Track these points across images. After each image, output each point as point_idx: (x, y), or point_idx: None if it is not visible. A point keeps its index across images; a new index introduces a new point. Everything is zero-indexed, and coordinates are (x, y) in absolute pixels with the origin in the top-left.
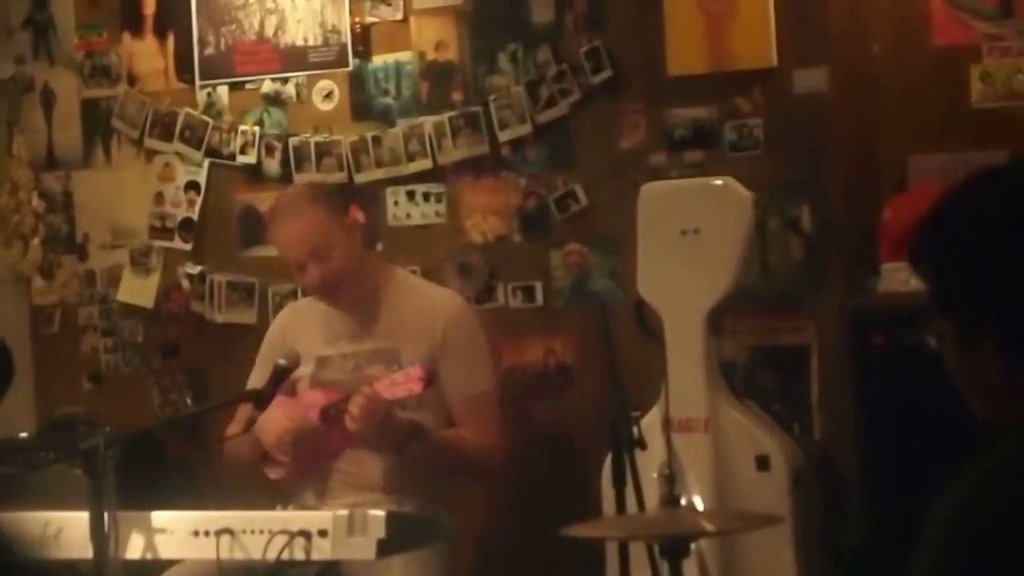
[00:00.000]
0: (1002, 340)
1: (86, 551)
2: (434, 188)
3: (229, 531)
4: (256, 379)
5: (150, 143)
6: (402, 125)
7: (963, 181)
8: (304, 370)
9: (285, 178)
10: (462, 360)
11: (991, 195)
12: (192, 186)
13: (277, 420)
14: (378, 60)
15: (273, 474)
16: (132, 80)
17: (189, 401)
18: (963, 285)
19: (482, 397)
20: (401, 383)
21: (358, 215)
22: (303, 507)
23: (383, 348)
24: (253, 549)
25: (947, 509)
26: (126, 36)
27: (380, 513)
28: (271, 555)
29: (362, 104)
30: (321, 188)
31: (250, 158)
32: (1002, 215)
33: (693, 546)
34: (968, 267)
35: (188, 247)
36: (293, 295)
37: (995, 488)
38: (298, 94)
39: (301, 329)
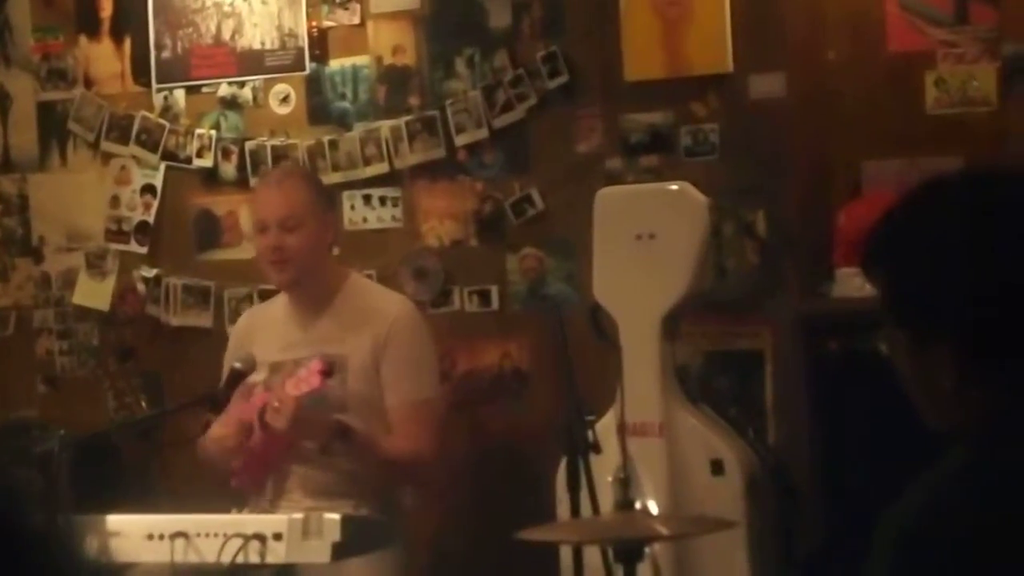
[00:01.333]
0: (954, 350)
1: None
2: (391, 192)
3: (184, 535)
4: None
5: (106, 146)
6: (359, 129)
7: (914, 189)
8: (259, 376)
9: (241, 182)
10: (403, 365)
11: (943, 204)
12: (148, 189)
13: (222, 439)
14: (335, 64)
15: (234, 481)
16: (88, 83)
17: (144, 404)
18: (915, 295)
19: (420, 405)
20: (303, 378)
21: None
22: (258, 511)
23: (332, 354)
24: (208, 553)
25: (897, 520)
26: (82, 39)
27: (335, 517)
28: (226, 559)
29: (319, 108)
30: (319, 179)
31: (206, 162)
32: (953, 225)
33: (647, 550)
34: (920, 277)
35: (144, 250)
36: (249, 299)
37: (945, 499)
38: (255, 98)
39: (257, 335)
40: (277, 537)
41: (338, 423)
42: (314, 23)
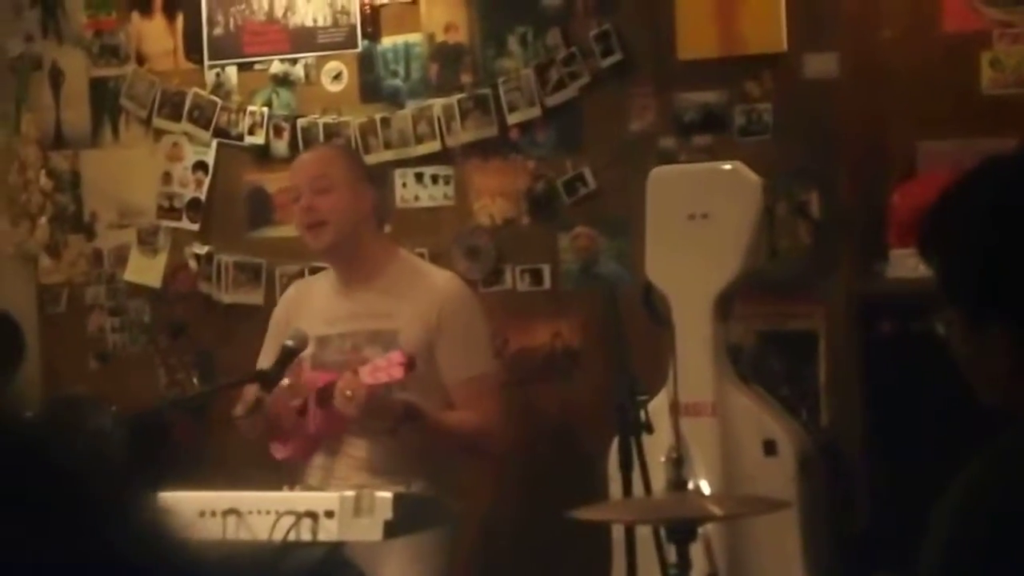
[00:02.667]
0: (1009, 330)
1: None
2: (443, 170)
3: (236, 512)
4: (265, 360)
5: (158, 123)
6: (411, 107)
7: (971, 169)
8: (306, 351)
9: (293, 159)
10: (459, 343)
11: (999, 184)
12: (200, 166)
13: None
14: (387, 41)
15: (278, 453)
16: (141, 59)
17: (196, 381)
18: (971, 274)
19: (480, 380)
20: (383, 368)
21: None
22: (310, 488)
23: (381, 329)
24: (259, 530)
25: (957, 494)
26: (135, 15)
27: (387, 495)
28: (277, 536)
29: (371, 85)
30: (355, 152)
31: (258, 139)
32: (1010, 205)
33: (700, 530)
34: (976, 257)
35: (196, 227)
36: (300, 276)
37: (1001, 476)
38: (307, 75)
39: (304, 309)
40: (329, 515)
41: (407, 405)
42: (366, 0)
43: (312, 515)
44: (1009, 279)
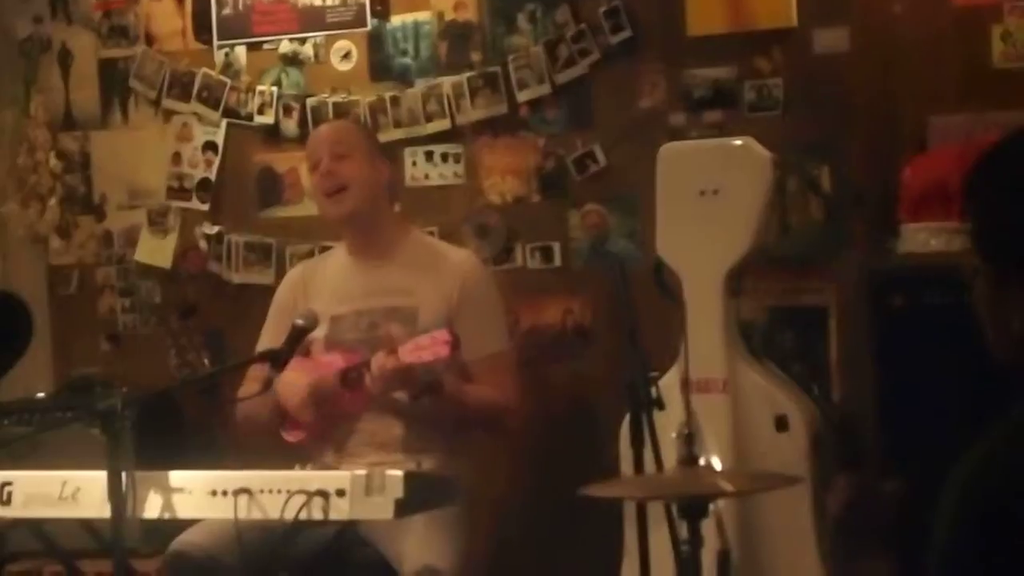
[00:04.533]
0: None
1: (104, 510)
2: (452, 148)
3: (247, 491)
4: (267, 339)
5: (168, 103)
6: (420, 85)
7: None
8: (318, 332)
9: (303, 139)
10: (478, 320)
11: None
12: (210, 146)
13: (297, 382)
14: (396, 20)
15: (291, 437)
16: (150, 40)
17: (206, 362)
18: (1001, 230)
19: (499, 357)
20: (427, 347)
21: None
22: (322, 467)
23: (400, 306)
24: (271, 509)
25: (965, 469)
26: None
27: (398, 473)
28: (289, 515)
29: (380, 64)
30: (369, 128)
31: (268, 118)
32: None
33: (711, 506)
34: (1007, 213)
35: (206, 207)
36: (310, 255)
37: (1009, 451)
38: (316, 54)
39: (313, 289)
40: (340, 493)
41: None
42: None
43: (323, 494)
44: None
